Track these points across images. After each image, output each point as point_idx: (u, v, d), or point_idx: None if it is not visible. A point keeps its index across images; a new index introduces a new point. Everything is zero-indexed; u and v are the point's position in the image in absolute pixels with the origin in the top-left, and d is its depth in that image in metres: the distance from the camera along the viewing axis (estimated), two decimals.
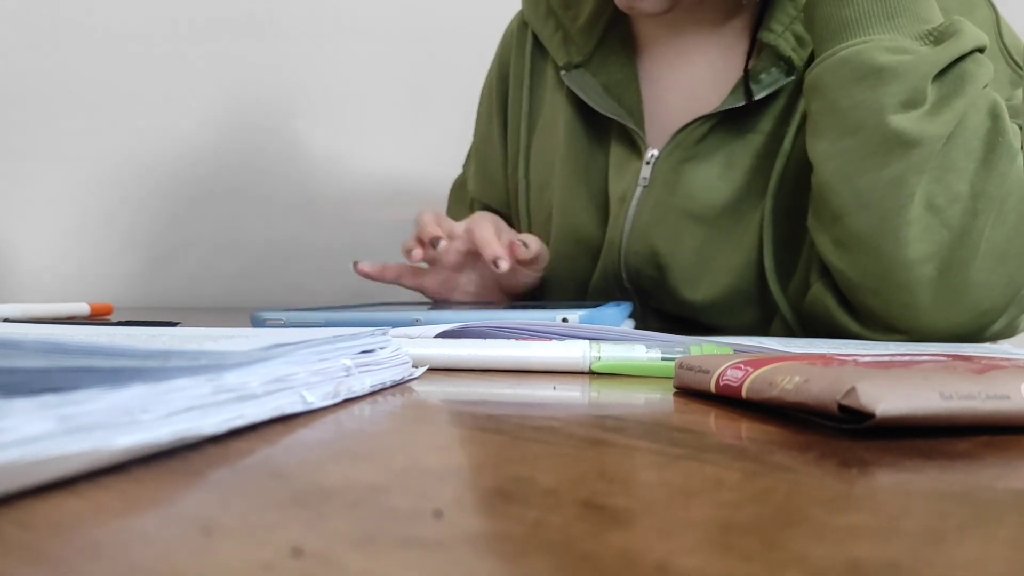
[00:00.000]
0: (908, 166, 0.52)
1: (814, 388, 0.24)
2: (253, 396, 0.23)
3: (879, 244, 0.53)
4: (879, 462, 0.20)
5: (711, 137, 0.67)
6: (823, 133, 0.56)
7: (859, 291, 0.55)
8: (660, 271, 0.68)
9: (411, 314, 0.50)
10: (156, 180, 1.19)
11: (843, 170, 0.54)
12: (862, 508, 0.16)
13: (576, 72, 0.73)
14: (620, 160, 0.71)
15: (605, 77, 0.72)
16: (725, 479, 0.18)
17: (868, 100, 0.53)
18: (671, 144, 0.67)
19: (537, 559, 0.13)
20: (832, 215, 0.55)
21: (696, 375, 0.31)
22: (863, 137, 0.53)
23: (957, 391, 0.23)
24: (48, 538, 0.14)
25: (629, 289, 0.71)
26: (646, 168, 0.68)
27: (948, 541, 0.14)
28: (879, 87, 0.52)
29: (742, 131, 0.66)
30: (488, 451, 0.21)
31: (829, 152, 0.55)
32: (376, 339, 0.32)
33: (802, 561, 0.13)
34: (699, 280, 0.67)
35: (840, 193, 0.54)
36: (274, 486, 0.18)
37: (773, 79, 0.65)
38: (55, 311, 0.72)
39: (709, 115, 0.66)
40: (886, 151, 0.52)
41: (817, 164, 0.56)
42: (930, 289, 0.53)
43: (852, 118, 0.53)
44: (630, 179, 0.70)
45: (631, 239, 0.69)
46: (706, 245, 0.67)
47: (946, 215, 0.52)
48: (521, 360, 0.38)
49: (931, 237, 0.52)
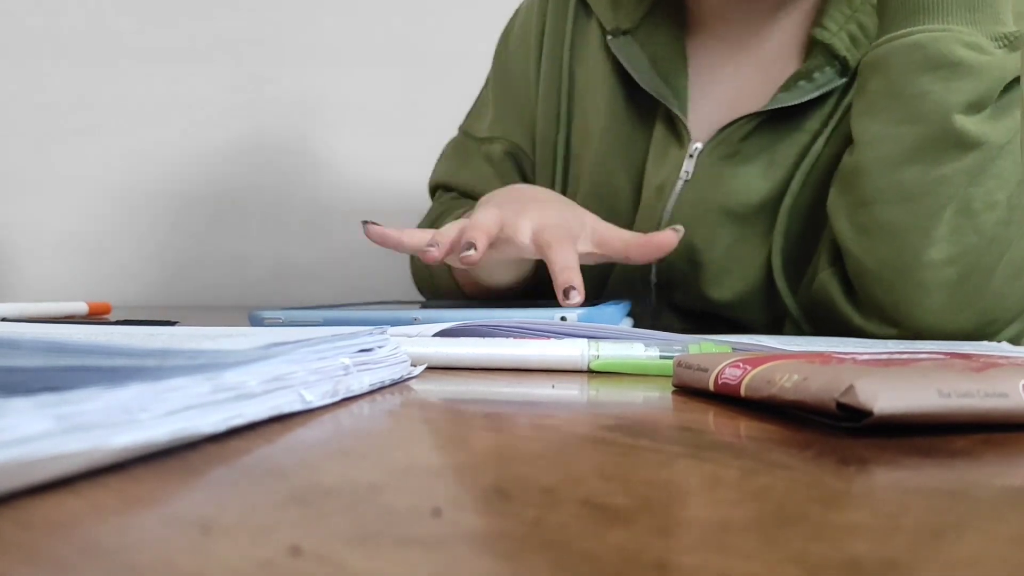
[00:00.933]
0: (960, 167, 0.51)
1: (812, 386, 0.24)
2: (252, 395, 0.23)
3: (906, 238, 0.52)
4: (877, 460, 0.20)
5: (756, 135, 0.65)
6: (877, 115, 0.54)
7: (871, 282, 0.54)
8: (692, 267, 0.66)
9: (409, 313, 0.50)
10: (154, 179, 1.19)
11: (890, 157, 0.52)
12: (861, 506, 0.16)
13: (624, 39, 0.70)
14: (661, 146, 0.68)
15: (653, 49, 0.69)
16: (724, 477, 0.18)
17: (937, 93, 0.51)
18: (716, 139, 0.65)
19: (536, 558, 0.13)
20: (862, 199, 0.54)
21: (695, 373, 0.31)
22: (922, 128, 0.51)
23: (955, 389, 0.23)
24: (47, 537, 0.14)
25: (653, 283, 0.69)
26: (689, 161, 0.66)
27: (946, 538, 0.14)
28: (951, 81, 0.51)
29: (789, 130, 0.64)
30: (487, 450, 0.21)
31: (879, 135, 0.53)
32: (375, 338, 0.32)
33: (801, 559, 0.13)
34: (725, 278, 0.66)
35: (879, 179, 0.53)
36: (273, 485, 0.18)
37: (827, 79, 0.62)
38: (53, 310, 0.72)
39: (758, 112, 0.64)
40: (943, 148, 0.51)
41: (861, 145, 0.54)
42: (946, 291, 0.52)
43: (915, 107, 0.52)
44: (670, 169, 0.67)
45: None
46: (738, 243, 0.65)
47: (979, 221, 0.51)
48: (520, 359, 0.38)
49: (960, 240, 0.51)
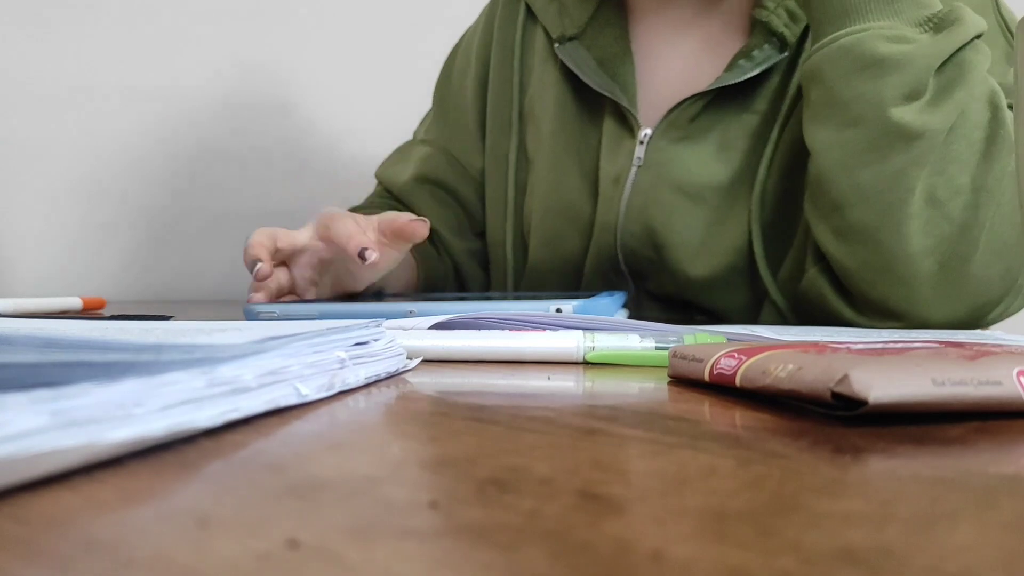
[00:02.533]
0: (910, 159, 0.51)
1: (807, 376, 0.24)
2: (247, 389, 0.23)
3: (880, 237, 0.52)
4: (872, 448, 0.21)
5: (704, 116, 0.66)
6: (822, 122, 0.55)
7: (857, 281, 0.55)
8: (658, 251, 0.67)
9: (405, 305, 0.50)
10: (147, 173, 1.19)
11: (843, 161, 0.53)
12: (855, 494, 0.16)
13: (570, 45, 0.71)
14: (613, 139, 0.70)
15: (599, 51, 0.71)
16: (719, 467, 0.19)
17: (868, 92, 0.52)
18: (664, 122, 0.67)
19: (533, 548, 0.13)
20: (831, 205, 0.55)
21: (690, 364, 0.31)
22: (864, 129, 0.52)
23: (949, 377, 0.23)
24: (44, 533, 0.14)
25: (624, 271, 0.70)
26: (640, 148, 0.67)
27: (941, 526, 0.14)
28: (880, 78, 0.51)
29: (737, 110, 0.66)
30: (483, 442, 0.21)
31: (828, 142, 0.54)
32: (370, 331, 0.32)
33: (796, 548, 0.13)
34: (697, 256, 0.67)
35: (839, 184, 0.54)
36: (269, 478, 0.18)
37: (766, 56, 0.64)
38: (47, 306, 0.72)
39: (702, 93, 0.65)
40: (887, 144, 0.51)
41: (816, 153, 0.55)
42: (930, 282, 0.52)
43: (853, 110, 0.52)
44: (624, 159, 0.68)
45: (627, 220, 0.68)
46: (702, 224, 0.66)
47: (948, 208, 0.51)
48: (515, 351, 0.38)
49: (933, 231, 0.51)
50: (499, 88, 0.78)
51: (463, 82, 0.82)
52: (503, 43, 0.78)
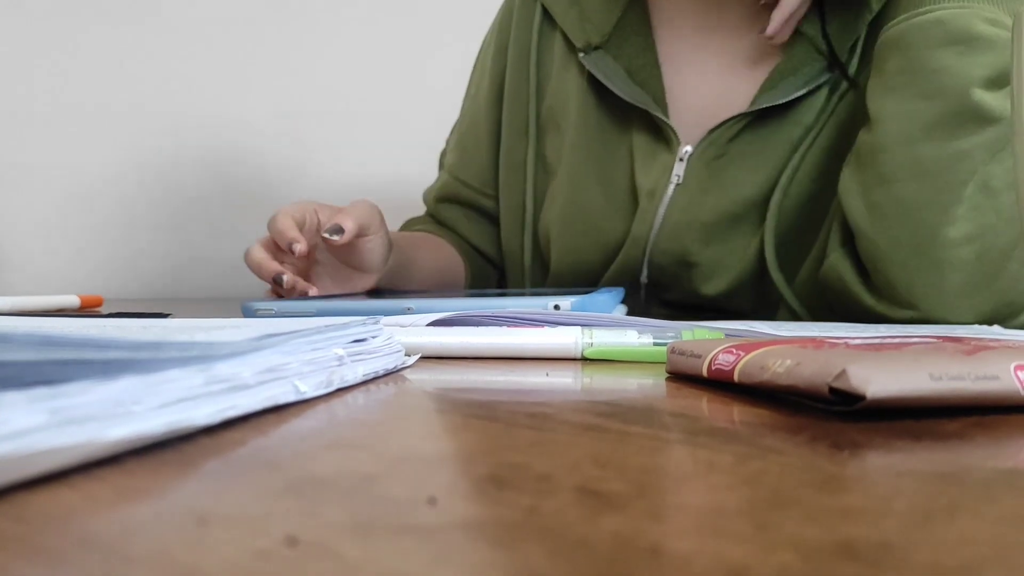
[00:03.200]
0: (979, 143, 0.50)
1: (805, 371, 0.24)
2: (245, 386, 0.23)
3: (922, 216, 0.51)
4: (870, 444, 0.21)
5: (745, 133, 0.64)
6: (895, 91, 0.53)
7: (885, 262, 0.53)
8: (684, 268, 0.66)
9: (403, 302, 0.50)
10: (145, 172, 1.18)
11: (908, 133, 0.52)
12: (854, 489, 0.17)
13: (596, 54, 0.68)
14: (647, 152, 0.67)
15: (626, 61, 0.68)
16: (717, 462, 0.19)
17: (955, 67, 0.50)
18: (705, 142, 0.64)
19: (531, 545, 0.13)
20: (879, 177, 0.53)
21: (688, 360, 0.31)
22: (939, 103, 0.51)
23: (947, 372, 0.23)
24: (43, 531, 0.14)
25: (644, 283, 0.69)
26: (679, 165, 0.65)
27: (939, 520, 0.14)
28: (969, 55, 0.50)
29: (779, 124, 0.63)
30: (481, 438, 0.21)
31: (896, 112, 0.53)
32: (368, 328, 0.32)
33: (794, 543, 0.13)
34: (715, 275, 0.65)
35: (896, 156, 0.52)
36: (268, 476, 0.18)
37: (813, 74, 0.61)
38: (44, 304, 0.71)
39: (746, 113, 0.63)
40: (959, 123, 0.50)
41: (878, 122, 0.54)
42: (963, 272, 0.51)
43: (933, 82, 0.51)
44: (659, 173, 0.66)
45: (660, 238, 0.66)
46: (727, 240, 0.65)
47: (999, 200, 0.50)
48: (513, 347, 0.38)
49: (978, 219, 0.51)
50: (515, 92, 0.76)
51: (479, 88, 0.80)
52: (519, 45, 0.76)
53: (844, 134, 0.62)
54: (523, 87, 0.75)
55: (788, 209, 0.63)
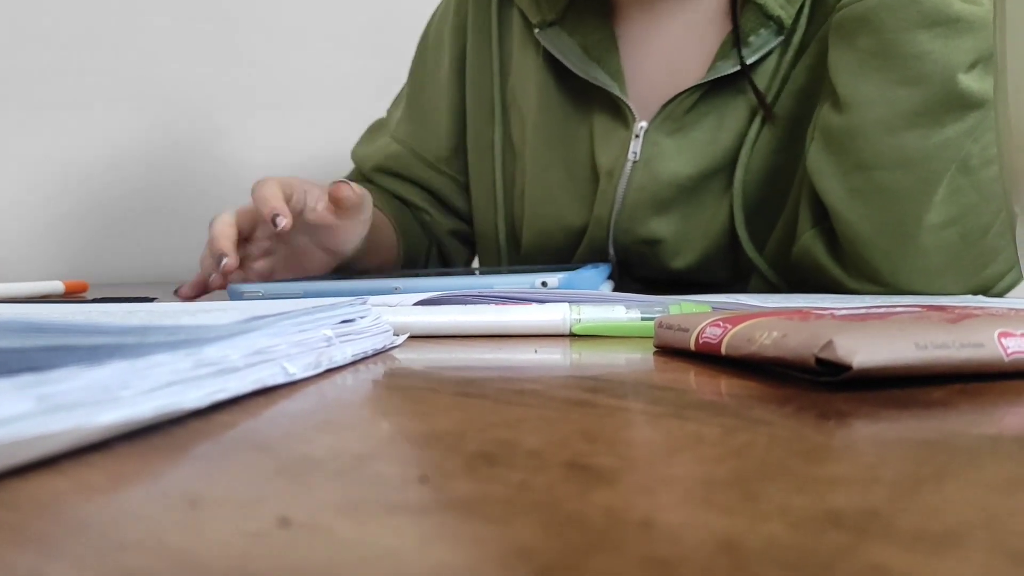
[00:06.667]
0: (962, 129, 0.49)
1: (792, 342, 0.24)
2: (234, 369, 0.23)
3: (906, 203, 0.50)
4: (856, 413, 0.21)
5: (700, 105, 0.63)
6: (870, 75, 0.51)
7: (866, 247, 0.53)
8: (650, 245, 0.66)
9: (390, 282, 0.50)
10: (126, 154, 1.17)
11: (888, 120, 0.50)
12: (841, 459, 0.17)
13: (552, 31, 0.67)
14: (605, 130, 0.66)
15: (581, 37, 0.67)
16: (706, 435, 0.19)
17: (938, 53, 0.48)
18: (660, 116, 0.64)
19: (523, 520, 0.13)
20: (857, 164, 0.52)
21: (676, 334, 0.31)
22: (923, 90, 0.49)
23: (932, 341, 0.23)
24: (34, 517, 0.14)
25: (613, 261, 0.69)
26: (635, 142, 0.64)
27: (926, 488, 0.15)
28: (952, 39, 0.48)
29: (733, 93, 0.63)
30: (471, 416, 0.22)
31: (874, 97, 0.51)
32: (356, 308, 0.32)
33: (783, 512, 0.13)
34: (684, 248, 0.65)
35: (877, 144, 0.51)
36: (259, 458, 0.18)
37: (763, 41, 0.61)
38: (28, 290, 0.71)
39: (699, 84, 0.63)
40: (945, 111, 0.49)
41: (854, 106, 0.52)
42: (947, 253, 0.51)
43: (915, 68, 0.49)
44: (616, 151, 0.65)
45: (621, 216, 0.66)
46: (690, 213, 0.65)
47: (978, 178, 0.49)
48: (502, 325, 0.38)
49: (959, 200, 0.50)
50: (478, 73, 0.75)
51: (438, 64, 0.78)
52: (478, 25, 0.75)
53: (803, 101, 0.61)
54: (486, 68, 0.74)
55: (752, 179, 0.63)
